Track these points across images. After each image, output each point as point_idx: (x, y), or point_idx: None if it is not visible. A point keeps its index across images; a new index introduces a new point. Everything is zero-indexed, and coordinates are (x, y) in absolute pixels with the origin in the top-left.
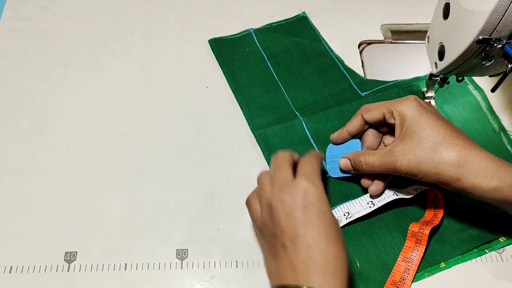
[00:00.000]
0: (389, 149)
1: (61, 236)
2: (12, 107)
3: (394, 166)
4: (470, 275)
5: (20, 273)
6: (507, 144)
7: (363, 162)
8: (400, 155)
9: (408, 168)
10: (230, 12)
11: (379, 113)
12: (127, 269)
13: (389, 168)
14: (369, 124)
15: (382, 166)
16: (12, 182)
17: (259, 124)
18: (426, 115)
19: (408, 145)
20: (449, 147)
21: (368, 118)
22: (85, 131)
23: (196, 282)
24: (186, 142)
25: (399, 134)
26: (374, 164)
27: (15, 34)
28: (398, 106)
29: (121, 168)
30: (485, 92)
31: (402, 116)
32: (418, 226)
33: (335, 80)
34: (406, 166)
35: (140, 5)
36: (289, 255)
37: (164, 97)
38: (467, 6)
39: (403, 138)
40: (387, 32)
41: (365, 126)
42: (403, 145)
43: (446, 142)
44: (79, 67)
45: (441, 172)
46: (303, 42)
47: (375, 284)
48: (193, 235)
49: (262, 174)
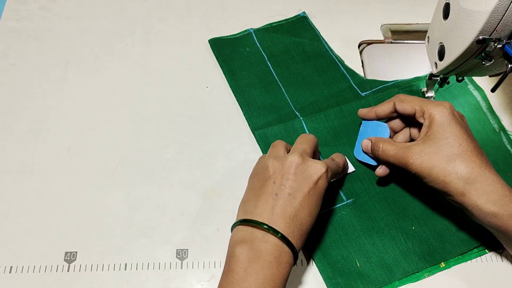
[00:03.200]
0: (408, 145)
1: (61, 236)
2: (12, 107)
3: (406, 162)
4: (470, 275)
5: (20, 273)
6: (507, 144)
7: (380, 148)
8: (416, 154)
9: (419, 169)
10: (230, 12)
11: (411, 108)
12: (127, 269)
13: (401, 162)
14: (398, 114)
15: (396, 158)
16: (12, 182)
17: (259, 124)
18: (454, 126)
19: (427, 148)
20: (464, 162)
21: (399, 109)
22: (85, 131)
23: (196, 282)
24: (186, 142)
25: (423, 135)
26: (389, 154)
27: (15, 34)
28: (431, 108)
29: (121, 168)
30: (485, 92)
31: (432, 119)
32: None
33: (335, 80)
34: (418, 166)
35: (140, 5)
36: (275, 204)
37: (164, 97)
38: (467, 6)
39: (426, 140)
40: (387, 32)
41: (394, 113)
42: (423, 146)
43: (463, 156)
44: (79, 67)
45: (449, 183)
46: (303, 42)
47: (375, 284)
48: (193, 235)
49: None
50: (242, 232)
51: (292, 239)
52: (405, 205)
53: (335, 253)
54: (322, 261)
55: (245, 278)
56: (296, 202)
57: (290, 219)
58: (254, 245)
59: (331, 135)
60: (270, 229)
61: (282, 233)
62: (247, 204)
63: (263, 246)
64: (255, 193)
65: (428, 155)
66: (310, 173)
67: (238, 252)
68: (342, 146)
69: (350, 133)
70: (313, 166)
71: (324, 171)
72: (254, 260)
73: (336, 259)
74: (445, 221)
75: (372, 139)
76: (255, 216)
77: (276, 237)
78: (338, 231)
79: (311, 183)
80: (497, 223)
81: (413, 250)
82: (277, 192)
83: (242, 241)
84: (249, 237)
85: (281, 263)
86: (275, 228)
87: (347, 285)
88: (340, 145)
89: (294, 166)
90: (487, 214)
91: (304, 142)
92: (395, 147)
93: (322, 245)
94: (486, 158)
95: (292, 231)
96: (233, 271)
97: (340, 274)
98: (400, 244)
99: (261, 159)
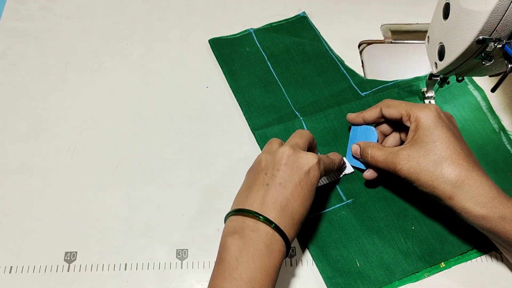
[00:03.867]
0: (396, 150)
1: (61, 236)
2: (12, 107)
3: (394, 167)
4: (470, 275)
5: (20, 273)
6: (507, 144)
7: (369, 154)
8: (404, 159)
9: (407, 174)
10: (230, 12)
11: (397, 112)
12: (127, 269)
13: (390, 168)
14: (385, 119)
15: (385, 164)
16: (12, 182)
17: (259, 124)
18: (441, 129)
19: (414, 153)
20: (451, 165)
21: (386, 114)
22: (85, 131)
23: (196, 282)
24: (186, 142)
25: (410, 139)
26: (378, 160)
27: (15, 34)
28: (417, 112)
29: (121, 168)
30: (485, 92)
31: (418, 123)
32: None
33: (335, 80)
34: (406, 171)
35: (140, 5)
36: (266, 194)
37: (164, 97)
38: (467, 6)
39: (413, 144)
40: (387, 32)
41: (382, 119)
42: (410, 151)
43: (451, 159)
44: (79, 67)
45: (437, 187)
46: (303, 42)
47: (375, 284)
48: (193, 235)
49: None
50: (233, 222)
51: (284, 228)
52: (405, 205)
53: (335, 253)
54: (322, 261)
55: (236, 267)
56: (287, 192)
57: (281, 208)
58: (245, 234)
59: (331, 135)
60: (261, 217)
61: (273, 221)
62: (240, 196)
63: (254, 235)
64: (248, 185)
65: (416, 159)
66: (302, 163)
67: (229, 242)
68: (342, 146)
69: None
70: (304, 157)
71: (315, 162)
72: (244, 249)
73: (336, 259)
74: (445, 221)
75: (361, 144)
76: (246, 205)
77: (266, 224)
78: (338, 231)
79: (302, 174)
80: (486, 225)
81: (413, 250)
82: (268, 182)
83: (233, 231)
84: (240, 226)
85: (272, 251)
86: (266, 216)
87: (347, 285)
88: (340, 145)
89: (285, 157)
90: (476, 216)
91: (297, 136)
92: (384, 153)
93: (322, 245)
94: (475, 159)
95: (284, 220)
96: (224, 261)
97: (340, 274)
98: (400, 244)
99: (257, 157)
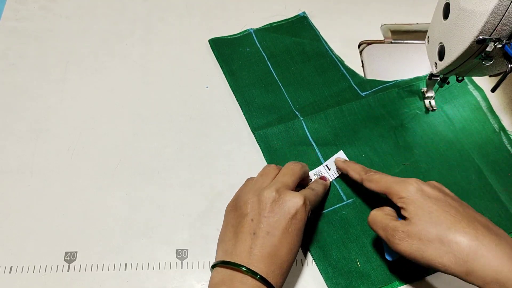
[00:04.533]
0: (393, 227)
1: (61, 236)
2: (12, 107)
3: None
4: None
5: (20, 273)
6: (507, 144)
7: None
8: (402, 238)
9: (410, 254)
10: (230, 12)
11: (378, 188)
12: (127, 269)
13: (388, 242)
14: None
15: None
16: (12, 182)
17: (259, 124)
18: (429, 201)
19: (413, 228)
20: (457, 237)
21: (368, 187)
22: (85, 131)
23: (196, 282)
24: (186, 142)
25: (405, 215)
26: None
27: (15, 34)
28: (399, 191)
29: (121, 168)
30: (485, 92)
31: (404, 201)
32: None
33: (335, 80)
34: (408, 251)
35: (140, 5)
36: (254, 244)
37: (164, 97)
38: (467, 6)
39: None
40: (387, 32)
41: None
42: (409, 226)
43: (455, 231)
44: (79, 67)
45: (448, 265)
46: (303, 42)
47: (376, 284)
48: (193, 235)
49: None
50: (221, 274)
51: (272, 279)
52: None
53: (336, 253)
54: (323, 261)
55: None
56: (275, 240)
57: (269, 258)
58: (233, 286)
59: (331, 135)
60: (249, 271)
61: (261, 274)
62: (226, 244)
63: (242, 287)
64: (234, 230)
65: (417, 235)
66: (288, 208)
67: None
68: (342, 146)
69: (350, 133)
70: (291, 200)
71: (301, 204)
72: None
73: (336, 259)
74: None
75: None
76: (234, 257)
77: (255, 279)
78: (338, 231)
79: (289, 218)
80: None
81: None
82: (255, 231)
83: (221, 283)
84: (228, 279)
85: None
86: (254, 270)
87: (347, 285)
88: (340, 145)
89: (270, 203)
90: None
91: (288, 173)
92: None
93: (322, 245)
94: (477, 219)
95: (272, 271)
96: None
97: (341, 274)
98: None
99: (241, 189)
